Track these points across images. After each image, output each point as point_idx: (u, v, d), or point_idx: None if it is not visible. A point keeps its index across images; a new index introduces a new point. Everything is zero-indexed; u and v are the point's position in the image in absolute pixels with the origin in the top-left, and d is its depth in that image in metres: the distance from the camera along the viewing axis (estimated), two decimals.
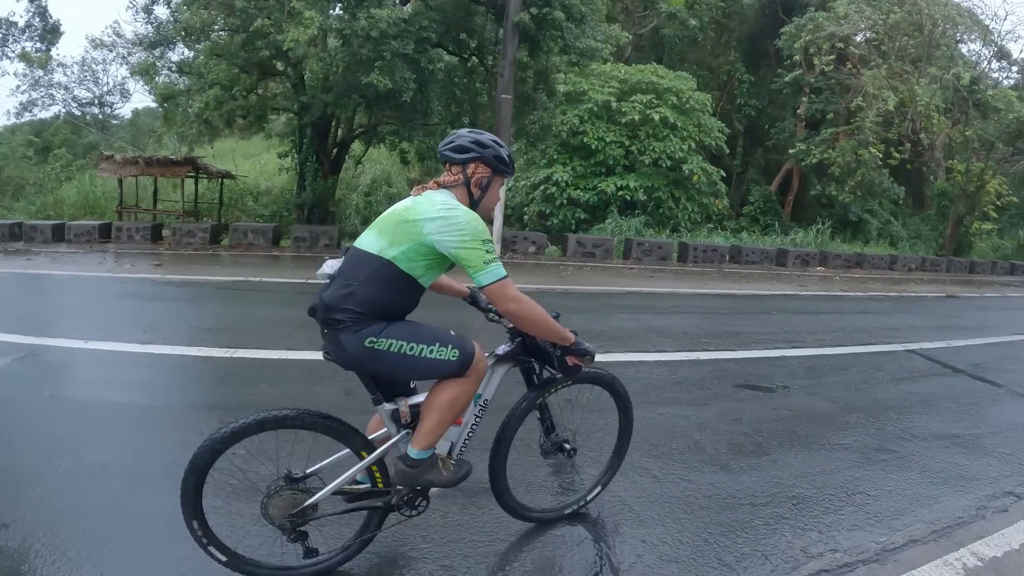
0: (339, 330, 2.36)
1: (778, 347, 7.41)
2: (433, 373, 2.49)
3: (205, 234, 14.83)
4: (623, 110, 20.28)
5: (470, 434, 2.75)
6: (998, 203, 24.85)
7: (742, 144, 26.95)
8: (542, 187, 20.39)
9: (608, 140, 20.42)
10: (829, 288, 14.00)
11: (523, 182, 21.13)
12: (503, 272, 2.36)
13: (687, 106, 20.96)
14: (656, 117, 20.02)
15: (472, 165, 2.54)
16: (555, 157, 21.05)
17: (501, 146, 2.60)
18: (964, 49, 26.59)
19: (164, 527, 2.71)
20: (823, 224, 22.91)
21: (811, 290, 13.34)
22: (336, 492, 2.54)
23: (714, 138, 21.62)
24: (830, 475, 4.03)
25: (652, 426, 4.54)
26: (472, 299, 2.97)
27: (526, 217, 21.27)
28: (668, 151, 19.97)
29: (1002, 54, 27.52)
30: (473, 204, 2.55)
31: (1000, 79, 28.30)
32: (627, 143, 20.45)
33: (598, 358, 2.77)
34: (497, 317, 2.82)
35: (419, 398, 2.60)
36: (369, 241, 2.44)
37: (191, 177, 20.17)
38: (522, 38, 13.49)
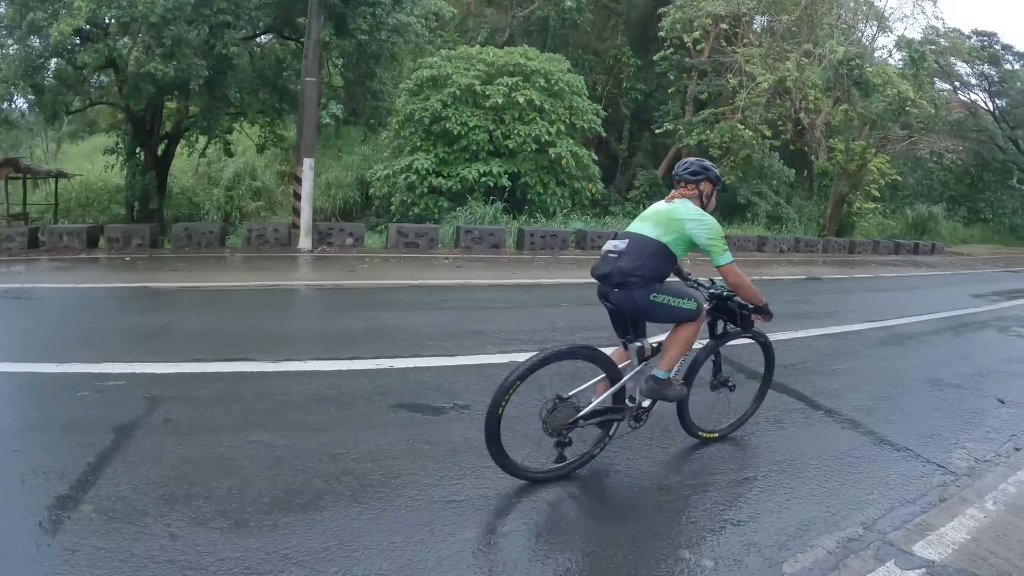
0: (633, 288, 3.66)
1: (513, 349, 6.25)
2: (679, 318, 3.81)
3: (23, 238, 14.11)
4: (487, 93, 20.04)
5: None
6: (882, 182, 25.48)
7: (629, 128, 27.07)
8: (403, 175, 20.05)
9: (472, 125, 20.18)
10: None
11: (386, 171, 20.76)
12: (731, 258, 3.77)
13: (556, 88, 20.81)
14: (521, 100, 19.85)
15: (703, 184, 3.94)
16: (418, 144, 20.73)
17: (715, 168, 4.08)
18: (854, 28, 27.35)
19: None
20: None
21: None
22: (593, 409, 3.71)
23: (587, 121, 21.55)
24: (399, 550, 3.01)
25: (215, 458, 3.82)
26: (677, 270, 4.17)
27: (392, 207, 20.92)
28: (534, 135, 19.80)
29: (884, 30, 28.47)
30: (703, 208, 3.91)
31: (883, 57, 29.25)
32: (492, 128, 20.24)
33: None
34: (693, 282, 4.30)
35: (659, 338, 3.95)
36: (648, 229, 3.81)
37: (16, 178, 19.29)
38: (329, 16, 13.13)
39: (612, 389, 3.83)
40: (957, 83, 38.26)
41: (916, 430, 5.23)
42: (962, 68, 37.96)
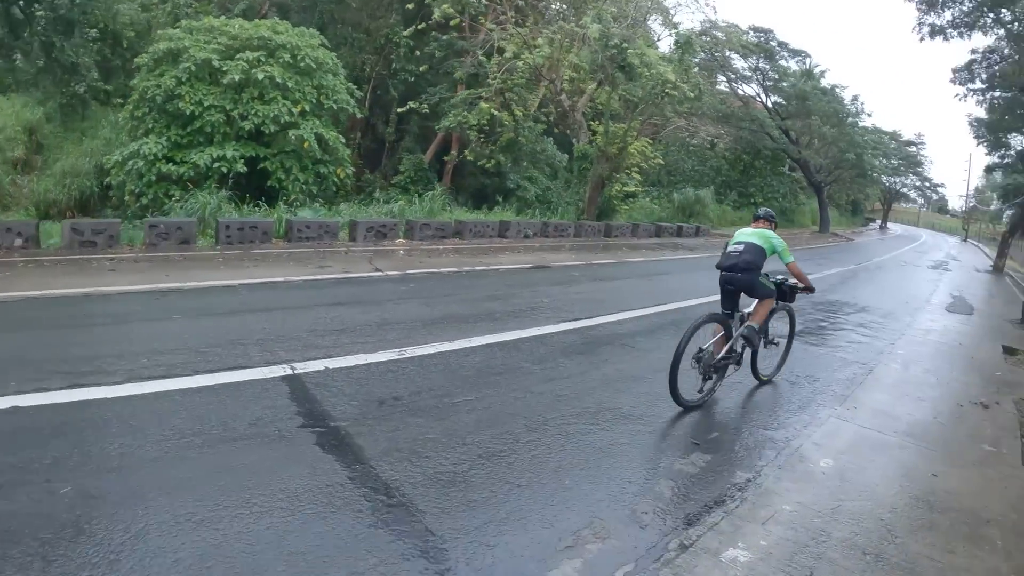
0: (751, 272, 6.42)
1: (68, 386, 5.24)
2: (766, 295, 6.69)
3: None
4: (225, 69, 19.15)
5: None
6: (644, 165, 26.83)
7: (396, 111, 26.92)
8: (130, 162, 18.78)
9: (207, 105, 19.22)
10: (365, 267, 12.40)
11: (117, 157, 19.34)
12: (793, 258, 6.83)
13: (303, 65, 20.22)
14: (261, 76, 19.10)
15: (771, 222, 7.04)
16: (151, 127, 19.53)
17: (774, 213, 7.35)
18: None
19: None
20: (491, 193, 23.54)
21: (334, 272, 11.51)
22: (720, 356, 6.43)
23: (337, 101, 21.13)
24: None
25: None
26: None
27: (127, 198, 19.54)
28: (273, 115, 19.14)
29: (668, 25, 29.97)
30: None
31: (655, 39, 30.77)
32: (229, 107, 19.36)
33: None
34: (766, 275, 6.82)
35: (748, 309, 6.75)
36: (755, 240, 6.56)
37: None
38: None
39: (729, 344, 6.56)
40: (732, 75, 41.28)
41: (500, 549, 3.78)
42: (739, 62, 41.04)
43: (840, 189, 59.06)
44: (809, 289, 7.32)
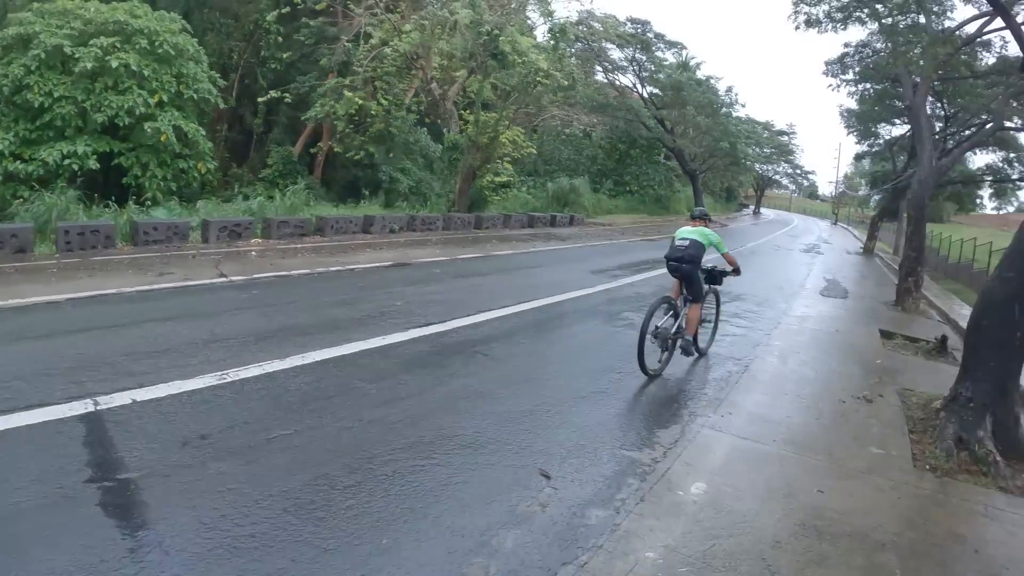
0: (693, 265, 8.04)
1: None
2: (696, 298, 8.28)
3: None
4: (77, 56, 18.35)
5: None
6: (516, 155, 27.30)
7: (265, 101, 26.41)
8: None
9: (57, 96, 18.44)
10: (210, 272, 11.60)
11: None
12: (727, 248, 8.71)
13: (161, 51, 19.56)
14: (115, 64, 18.40)
15: (707, 220, 8.69)
16: None
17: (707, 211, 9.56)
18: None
19: None
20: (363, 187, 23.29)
21: (174, 280, 10.65)
22: (672, 331, 8.08)
23: (199, 90, 20.62)
24: None
25: None
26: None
27: None
28: (127, 106, 18.52)
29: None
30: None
31: (532, 27, 31.09)
32: (81, 99, 18.62)
33: None
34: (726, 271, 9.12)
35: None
36: (696, 237, 8.09)
37: None
38: None
39: (678, 321, 8.11)
40: (609, 65, 42.33)
41: None
42: (616, 53, 42.07)
43: (715, 177, 61.91)
44: (737, 271, 9.12)
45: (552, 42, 25.62)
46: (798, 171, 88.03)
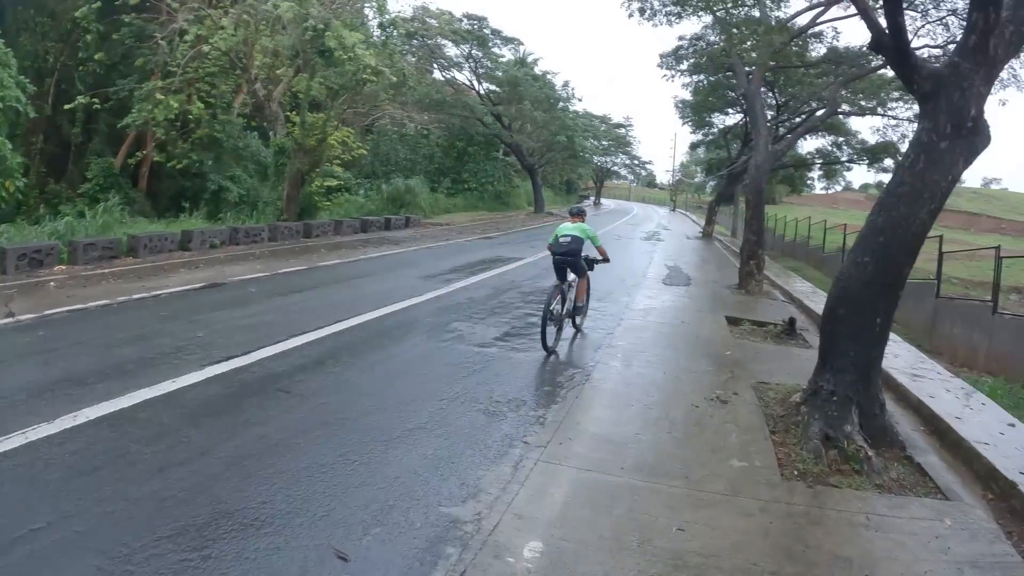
0: (576, 256, 9.48)
1: None
2: (582, 274, 9.89)
3: None
4: None
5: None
6: (346, 156, 25.73)
7: (75, 107, 23.35)
8: None
9: None
10: None
11: None
12: (600, 241, 9.98)
13: None
14: None
15: (583, 217, 10.10)
16: None
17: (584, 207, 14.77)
18: None
19: None
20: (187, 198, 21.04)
21: None
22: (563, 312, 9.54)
23: (5, 98, 17.73)
24: None
25: None
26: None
27: None
28: None
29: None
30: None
31: (365, 22, 29.49)
32: None
33: None
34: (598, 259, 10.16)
35: (572, 278, 9.86)
36: (576, 232, 9.46)
37: None
38: None
39: (566, 304, 9.51)
40: (444, 63, 41.39)
41: None
42: (453, 50, 41.21)
43: (554, 170, 62.35)
44: (606, 259, 10.17)
45: (383, 38, 24.20)
46: (636, 161, 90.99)
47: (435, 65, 42.27)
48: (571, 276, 9.79)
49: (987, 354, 13.23)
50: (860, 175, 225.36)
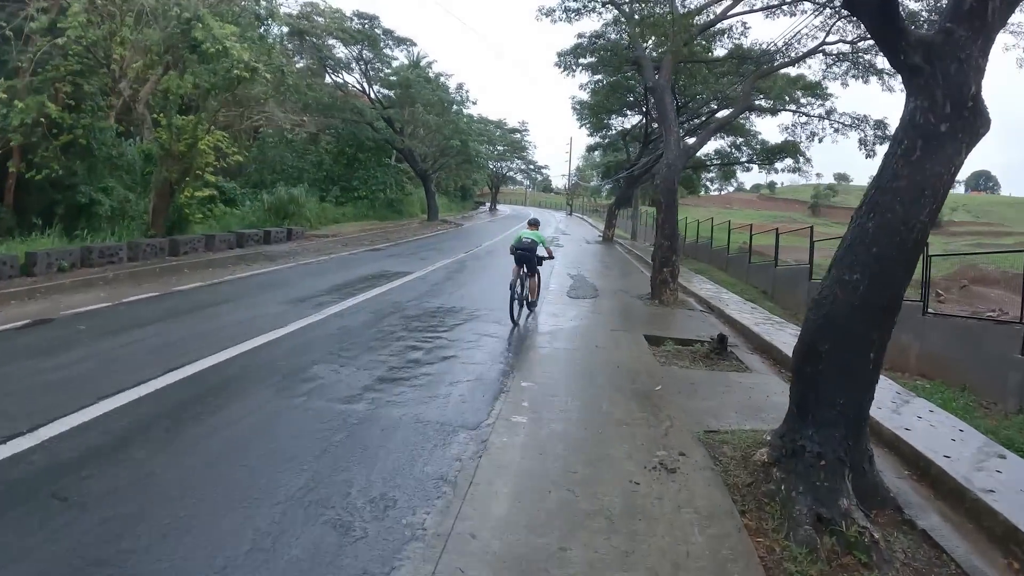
0: (532, 253, 11.79)
1: None
2: (534, 272, 12.18)
3: None
4: None
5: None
6: (225, 163, 23.02)
7: None
8: None
9: None
10: None
11: None
12: (548, 244, 13.00)
13: None
14: None
15: (538, 226, 12.89)
16: None
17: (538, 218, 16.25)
18: None
19: None
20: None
21: None
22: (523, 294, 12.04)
23: None
24: None
25: None
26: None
27: None
28: None
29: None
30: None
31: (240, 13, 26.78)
32: None
33: None
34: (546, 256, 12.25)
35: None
36: (533, 237, 11.93)
37: None
38: None
39: (525, 288, 11.90)
40: (332, 62, 38.72)
41: None
42: (342, 51, 38.66)
43: (448, 176, 59.84)
44: (551, 257, 12.41)
45: (261, 31, 21.68)
46: (532, 166, 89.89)
47: (325, 68, 39.56)
48: (524, 270, 11.91)
49: (918, 355, 12.47)
50: (752, 176, 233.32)
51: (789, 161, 33.23)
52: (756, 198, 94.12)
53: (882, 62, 16.91)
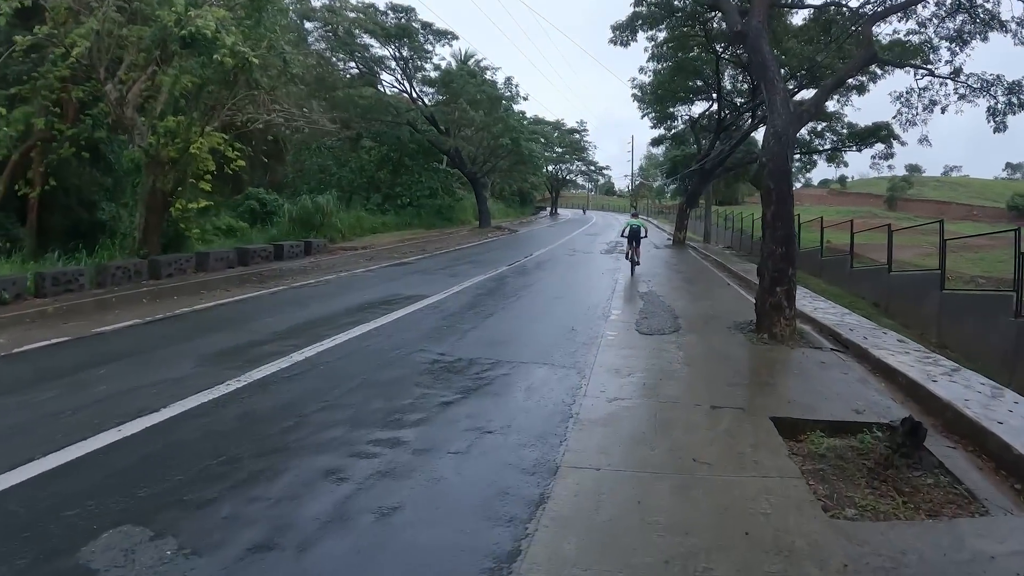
0: (640, 233, 18.94)
1: None
2: (639, 244, 19.41)
3: None
4: None
5: None
6: (214, 170, 19.16)
7: None
8: None
9: None
10: None
11: None
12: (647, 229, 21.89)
13: None
14: None
15: (638, 215, 23.75)
16: None
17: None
18: None
19: None
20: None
21: None
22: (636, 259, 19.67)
23: None
24: None
25: None
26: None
27: None
28: None
29: None
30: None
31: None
32: None
33: None
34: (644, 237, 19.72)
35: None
36: (639, 224, 19.37)
37: None
38: None
39: (634, 254, 18.90)
40: (366, 58, 34.97)
41: None
42: (378, 49, 35.20)
43: (502, 179, 55.25)
44: (646, 235, 19.82)
45: (255, 16, 17.87)
46: (592, 168, 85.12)
47: (355, 63, 35.78)
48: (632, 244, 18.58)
49: None
50: (820, 171, 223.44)
51: (880, 147, 28.75)
52: (826, 193, 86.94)
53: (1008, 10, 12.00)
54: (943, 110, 17.41)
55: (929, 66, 16.00)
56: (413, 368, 7.81)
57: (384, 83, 37.44)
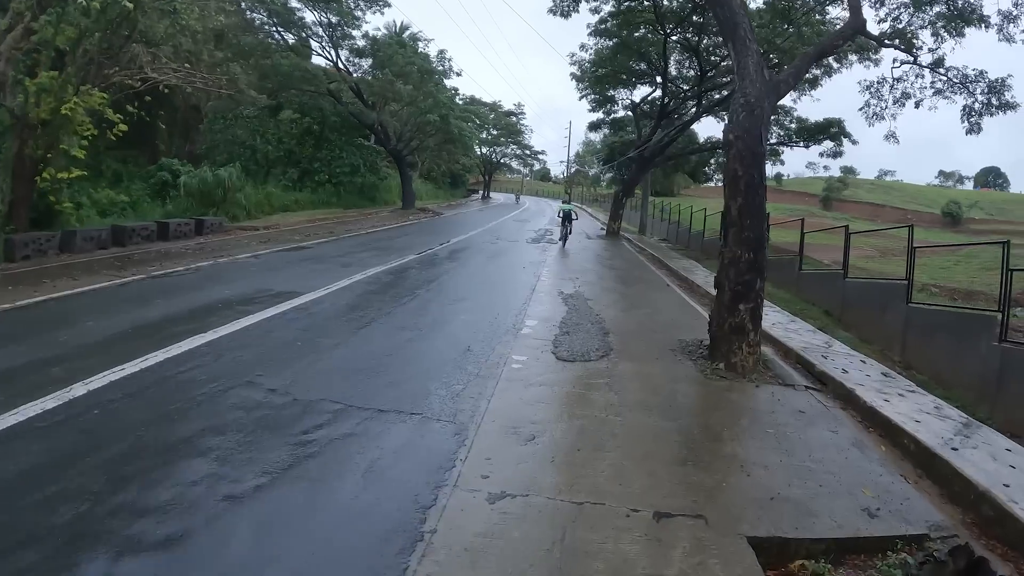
0: (571, 214, 25.81)
1: None
2: (570, 224, 26.24)
3: None
4: None
5: None
6: (94, 131, 16.21)
7: None
8: None
9: None
10: None
11: None
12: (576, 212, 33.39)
13: None
14: None
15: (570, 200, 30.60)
16: None
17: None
18: None
19: None
20: None
21: None
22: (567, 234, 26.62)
23: None
24: None
25: None
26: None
27: None
28: None
29: None
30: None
31: None
32: None
33: None
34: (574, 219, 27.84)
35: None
36: (570, 207, 26.12)
37: None
38: None
39: (568, 231, 25.46)
40: (289, 21, 31.91)
41: None
42: (308, 15, 32.20)
43: (431, 159, 52.44)
44: (576, 217, 29.14)
45: None
46: (528, 152, 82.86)
47: (277, 28, 32.65)
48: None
49: None
50: None
51: (829, 144, 27.66)
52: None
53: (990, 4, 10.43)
54: (917, 104, 15.85)
55: (913, 51, 14.40)
56: (218, 419, 5.39)
57: (313, 51, 34.53)
